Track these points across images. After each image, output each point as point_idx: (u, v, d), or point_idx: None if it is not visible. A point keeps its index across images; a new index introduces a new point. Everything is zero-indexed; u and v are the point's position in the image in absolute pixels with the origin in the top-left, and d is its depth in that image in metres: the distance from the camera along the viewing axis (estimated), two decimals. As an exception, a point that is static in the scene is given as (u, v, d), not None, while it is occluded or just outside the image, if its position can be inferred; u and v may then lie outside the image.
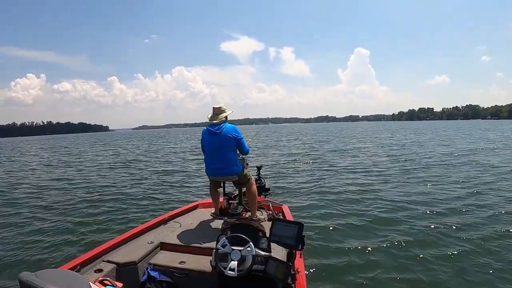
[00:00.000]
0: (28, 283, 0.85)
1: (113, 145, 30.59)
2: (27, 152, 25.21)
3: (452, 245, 3.69)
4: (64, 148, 27.91)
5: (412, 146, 17.27)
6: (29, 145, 42.15)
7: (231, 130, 2.82)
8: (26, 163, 15.08)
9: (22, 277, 0.86)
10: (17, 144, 45.66)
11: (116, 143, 34.34)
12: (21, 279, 0.86)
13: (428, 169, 9.15)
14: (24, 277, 0.86)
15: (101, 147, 26.53)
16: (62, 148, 28.62)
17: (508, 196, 5.70)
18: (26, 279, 0.85)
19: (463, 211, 4.93)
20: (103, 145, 29.89)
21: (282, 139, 28.54)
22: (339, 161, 11.63)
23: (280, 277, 1.61)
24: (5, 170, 12.64)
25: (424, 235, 4.01)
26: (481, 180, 7.27)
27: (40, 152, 24.19)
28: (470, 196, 5.83)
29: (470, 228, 4.18)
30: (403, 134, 30.90)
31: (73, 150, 23.34)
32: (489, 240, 3.76)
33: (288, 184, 7.61)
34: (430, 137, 24.67)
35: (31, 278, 0.86)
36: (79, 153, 20.41)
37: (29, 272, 0.89)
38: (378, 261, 3.37)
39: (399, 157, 12.17)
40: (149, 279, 1.97)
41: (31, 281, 0.85)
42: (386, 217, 4.77)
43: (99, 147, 26.70)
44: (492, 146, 15.39)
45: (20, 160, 16.62)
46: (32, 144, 43.72)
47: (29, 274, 0.88)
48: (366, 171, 9.15)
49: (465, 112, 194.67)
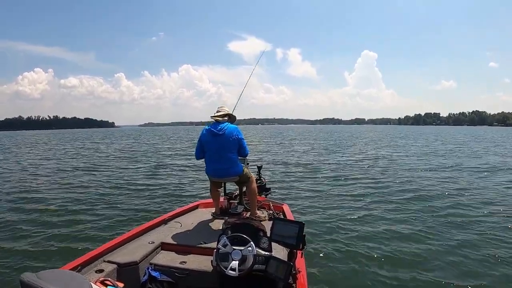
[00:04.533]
0: (29, 284, 0.85)
1: (116, 142, 30.58)
2: (30, 145, 25.14)
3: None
4: (66, 143, 27.90)
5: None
6: (35, 137, 41.42)
7: (234, 131, 2.80)
8: (26, 158, 15.10)
9: (23, 278, 0.86)
10: (22, 138, 45.11)
11: (119, 140, 34.34)
12: (22, 279, 0.86)
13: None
14: (26, 277, 0.86)
15: (105, 143, 26.51)
16: (65, 143, 28.58)
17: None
18: (27, 280, 0.85)
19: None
20: (105, 140, 29.87)
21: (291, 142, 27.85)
22: (339, 161, 11.62)
23: (281, 277, 1.61)
24: (2, 167, 12.62)
25: (426, 236, 4.01)
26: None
27: (43, 146, 24.18)
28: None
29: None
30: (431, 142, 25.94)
31: (75, 145, 23.33)
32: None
33: (289, 183, 7.61)
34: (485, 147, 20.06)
35: (32, 279, 0.86)
36: (79, 148, 20.42)
37: (31, 273, 0.89)
38: (379, 261, 3.37)
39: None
40: (150, 279, 1.97)
41: (33, 281, 0.85)
42: (386, 217, 4.77)
43: (101, 142, 26.67)
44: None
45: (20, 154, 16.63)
46: (38, 137, 43.15)
47: (31, 275, 0.88)
48: (366, 171, 9.15)
49: (472, 118, 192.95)
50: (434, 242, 3.80)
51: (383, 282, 2.97)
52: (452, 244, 3.74)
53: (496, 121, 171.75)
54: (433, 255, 3.44)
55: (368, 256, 3.46)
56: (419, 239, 3.89)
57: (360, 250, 3.60)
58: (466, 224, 4.43)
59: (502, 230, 4.19)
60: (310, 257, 3.32)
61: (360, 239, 3.92)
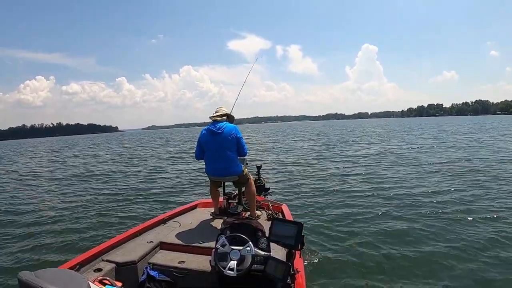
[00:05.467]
0: (27, 283, 0.85)
1: (118, 146, 30.59)
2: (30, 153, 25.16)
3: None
4: (67, 148, 27.88)
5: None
6: (40, 145, 41.36)
7: (232, 130, 2.82)
8: (30, 163, 15.09)
9: (21, 277, 0.86)
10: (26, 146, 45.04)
11: (119, 145, 34.34)
12: (20, 278, 0.86)
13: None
14: (24, 276, 0.86)
15: (105, 147, 26.51)
16: (66, 148, 28.59)
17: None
18: (25, 279, 0.85)
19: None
20: (106, 145, 29.88)
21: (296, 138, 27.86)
22: (339, 161, 11.62)
23: (280, 277, 1.61)
24: (7, 170, 12.62)
25: (427, 237, 3.99)
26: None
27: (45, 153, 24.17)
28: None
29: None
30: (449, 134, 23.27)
31: (75, 149, 23.31)
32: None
33: (288, 183, 7.61)
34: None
35: (30, 278, 0.86)
36: (81, 152, 20.42)
37: (29, 272, 0.89)
38: (379, 261, 3.37)
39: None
40: (148, 279, 1.97)
41: (31, 280, 0.85)
42: (387, 217, 4.76)
43: (103, 147, 26.67)
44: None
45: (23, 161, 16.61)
46: (42, 144, 43.08)
47: (29, 274, 0.88)
48: (366, 171, 9.15)
49: (475, 108, 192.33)
50: (437, 243, 3.74)
51: (383, 282, 2.96)
52: (456, 246, 3.65)
53: (500, 109, 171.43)
54: (436, 256, 3.40)
55: (368, 256, 3.45)
56: (420, 240, 3.87)
57: (360, 250, 3.60)
58: (477, 223, 4.27)
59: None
60: (309, 257, 3.32)
61: (360, 240, 3.91)
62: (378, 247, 3.69)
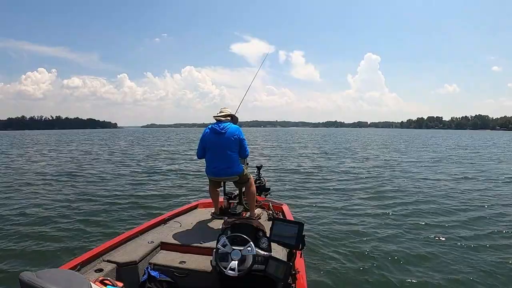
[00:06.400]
0: (28, 283, 0.84)
1: (117, 143, 30.60)
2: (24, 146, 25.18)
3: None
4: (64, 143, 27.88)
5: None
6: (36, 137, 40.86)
7: (236, 131, 2.83)
8: (23, 158, 15.10)
9: (22, 277, 0.86)
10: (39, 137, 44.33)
11: (118, 141, 34.35)
12: (21, 279, 0.86)
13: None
14: (25, 277, 0.86)
15: (101, 143, 26.52)
16: (65, 143, 28.61)
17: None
18: (26, 279, 0.85)
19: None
20: (107, 141, 29.89)
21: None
22: (340, 162, 11.61)
23: (281, 277, 1.61)
24: (5, 166, 12.61)
25: (429, 237, 4.01)
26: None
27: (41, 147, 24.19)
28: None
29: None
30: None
31: (74, 145, 23.32)
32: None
33: (288, 183, 7.61)
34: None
35: (31, 278, 0.86)
36: (78, 148, 20.42)
37: (30, 272, 0.89)
38: (379, 261, 3.37)
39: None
40: (149, 279, 1.97)
41: (32, 281, 0.85)
42: (387, 218, 4.77)
43: (98, 143, 26.67)
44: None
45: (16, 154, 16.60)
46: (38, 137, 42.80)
47: (30, 274, 0.88)
48: (366, 172, 9.15)
49: (474, 122, 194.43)
50: (436, 243, 3.78)
51: (383, 282, 2.97)
52: (458, 247, 3.68)
53: (499, 125, 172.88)
54: (434, 257, 3.43)
55: (368, 257, 3.46)
56: (420, 240, 3.89)
57: (360, 250, 3.60)
58: (475, 227, 4.32)
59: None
60: (309, 257, 3.32)
61: (360, 240, 3.92)
62: (379, 247, 3.70)
